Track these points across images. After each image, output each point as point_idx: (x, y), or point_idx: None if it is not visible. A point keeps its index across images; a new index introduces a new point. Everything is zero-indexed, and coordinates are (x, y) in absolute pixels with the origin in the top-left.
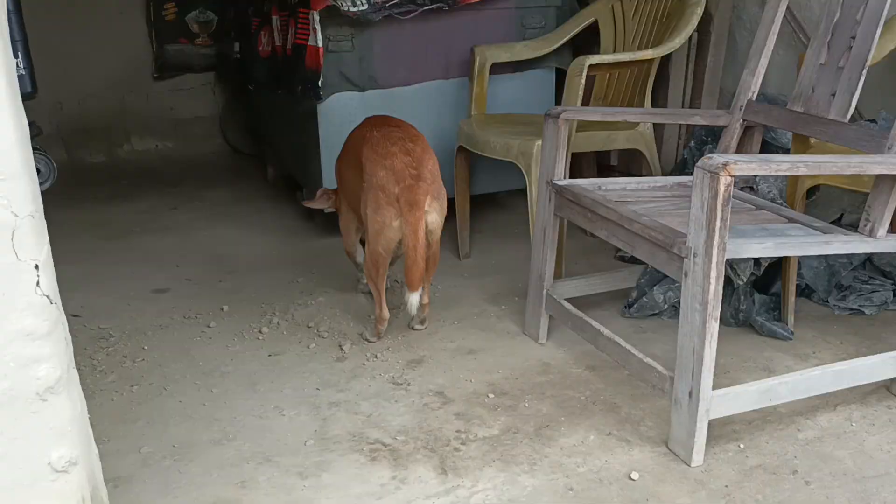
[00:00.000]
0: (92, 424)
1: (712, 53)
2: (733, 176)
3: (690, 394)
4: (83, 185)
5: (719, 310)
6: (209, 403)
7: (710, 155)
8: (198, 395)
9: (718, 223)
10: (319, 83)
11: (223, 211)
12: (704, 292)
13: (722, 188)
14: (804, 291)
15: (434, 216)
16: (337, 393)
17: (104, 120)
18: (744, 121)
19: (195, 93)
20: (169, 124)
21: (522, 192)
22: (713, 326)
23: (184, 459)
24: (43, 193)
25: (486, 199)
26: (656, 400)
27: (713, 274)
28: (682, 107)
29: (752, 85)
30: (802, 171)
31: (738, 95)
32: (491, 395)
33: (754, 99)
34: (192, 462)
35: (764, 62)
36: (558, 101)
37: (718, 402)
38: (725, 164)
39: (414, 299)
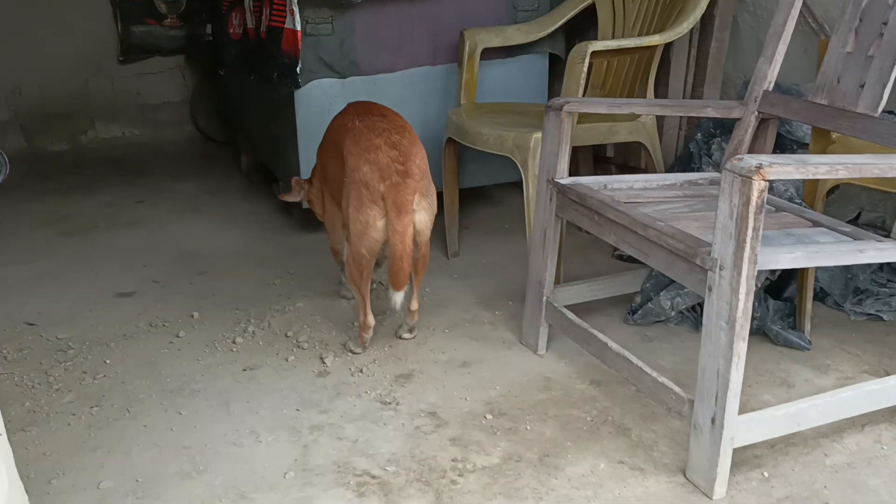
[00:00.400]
0: (45, 455)
1: (716, 38)
2: (768, 181)
3: (713, 420)
4: (43, 175)
5: (748, 329)
6: (177, 428)
7: (740, 156)
8: (164, 417)
9: (750, 233)
10: (298, 69)
11: (193, 204)
12: (732, 309)
13: (755, 194)
14: (818, 295)
15: (423, 215)
16: (319, 414)
17: (66, 106)
18: (759, 113)
19: (164, 77)
20: (136, 110)
21: (512, 185)
22: (741, 347)
23: (148, 496)
24: None
25: (474, 192)
26: (669, 420)
27: (742, 289)
28: (684, 95)
29: (769, 74)
30: (842, 174)
31: (753, 85)
32: (488, 416)
33: (770, 89)
34: (158, 500)
35: (782, 49)
36: (551, 88)
37: (744, 429)
38: (759, 167)
39: (398, 297)
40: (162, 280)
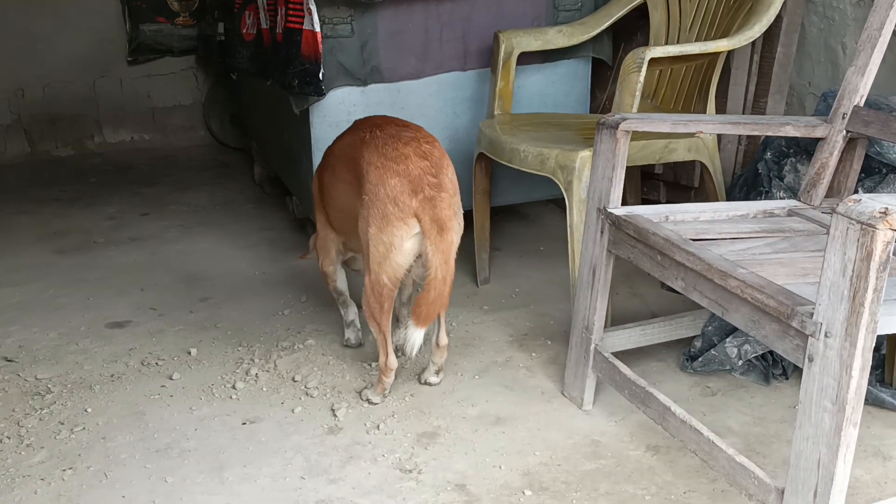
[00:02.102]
0: None
1: (783, 43)
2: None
3: None
4: (45, 182)
5: (860, 412)
6: (160, 501)
7: (856, 197)
8: (147, 485)
9: (870, 296)
10: (321, 75)
11: (201, 218)
12: (841, 388)
13: (878, 247)
14: None
15: (454, 236)
16: (327, 485)
17: (72, 108)
18: (847, 132)
19: (175, 78)
20: (145, 113)
21: (548, 202)
22: (850, 435)
23: None
24: None
25: (506, 209)
26: (744, 500)
27: (857, 364)
28: (745, 106)
29: (861, 87)
30: None
31: (841, 100)
32: (527, 492)
33: (862, 104)
34: None
35: (877, 57)
36: (592, 96)
37: None
38: (885, 213)
39: (419, 336)
40: (160, 307)
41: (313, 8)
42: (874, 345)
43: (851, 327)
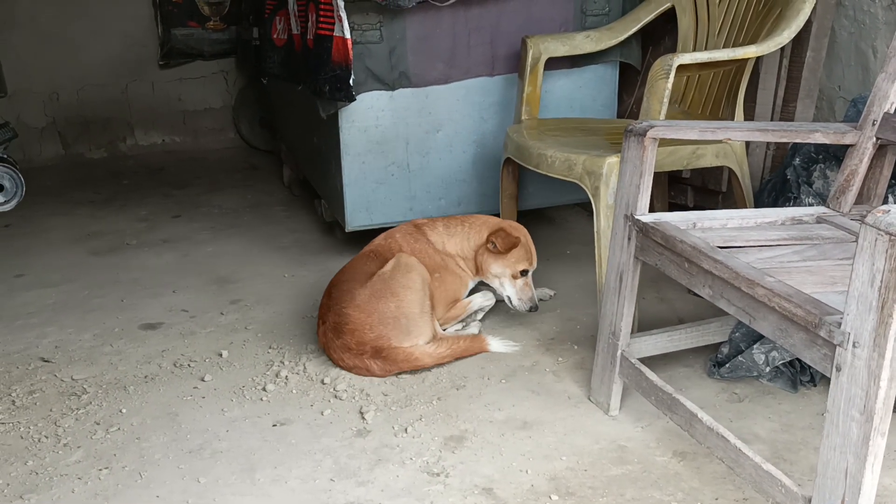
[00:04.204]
0: None
1: (812, 47)
2: None
3: None
4: (79, 184)
5: (888, 422)
6: (193, 501)
7: (885, 208)
8: (181, 485)
9: None
10: (351, 81)
11: (231, 221)
12: (869, 398)
13: None
14: None
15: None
16: (356, 487)
17: (105, 112)
18: (877, 139)
19: (205, 82)
20: (177, 117)
21: (575, 205)
22: (878, 444)
23: None
24: (10, 212)
25: (532, 213)
26: None
27: (885, 374)
28: (773, 110)
29: (891, 94)
30: None
31: (871, 107)
32: (554, 496)
33: (893, 111)
34: None
35: None
36: (619, 100)
37: None
38: None
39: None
40: (192, 309)
41: (343, 15)
42: None
43: (880, 338)
